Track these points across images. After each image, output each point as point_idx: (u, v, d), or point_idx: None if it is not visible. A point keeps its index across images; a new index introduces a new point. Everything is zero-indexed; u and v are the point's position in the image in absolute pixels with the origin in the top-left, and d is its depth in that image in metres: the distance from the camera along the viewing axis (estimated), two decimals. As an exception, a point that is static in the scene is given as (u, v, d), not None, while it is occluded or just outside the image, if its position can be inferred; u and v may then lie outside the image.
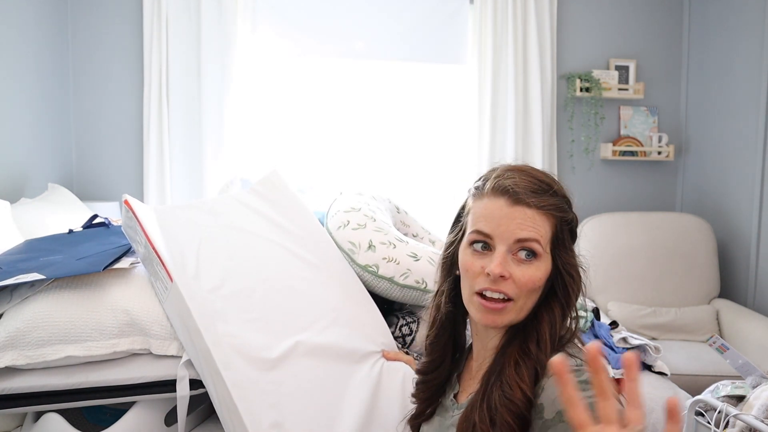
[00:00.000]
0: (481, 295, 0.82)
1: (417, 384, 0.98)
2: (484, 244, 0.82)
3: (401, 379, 1.22)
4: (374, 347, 1.27)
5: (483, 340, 0.89)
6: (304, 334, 1.22)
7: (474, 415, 0.79)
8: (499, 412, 0.75)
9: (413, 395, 0.98)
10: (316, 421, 1.11)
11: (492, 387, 0.79)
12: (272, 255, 1.38)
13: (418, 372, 0.98)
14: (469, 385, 0.90)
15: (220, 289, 1.23)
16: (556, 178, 0.87)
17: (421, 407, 0.95)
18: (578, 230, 0.90)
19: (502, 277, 0.79)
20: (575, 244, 0.88)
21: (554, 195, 0.82)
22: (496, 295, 0.80)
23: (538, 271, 0.81)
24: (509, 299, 0.80)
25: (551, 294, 0.84)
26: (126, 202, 1.31)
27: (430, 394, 0.94)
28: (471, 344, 0.94)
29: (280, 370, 1.15)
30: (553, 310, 0.83)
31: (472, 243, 0.84)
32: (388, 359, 1.26)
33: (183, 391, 1.22)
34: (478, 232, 0.82)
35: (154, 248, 1.24)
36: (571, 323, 0.84)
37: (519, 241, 0.80)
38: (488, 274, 0.80)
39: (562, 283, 0.83)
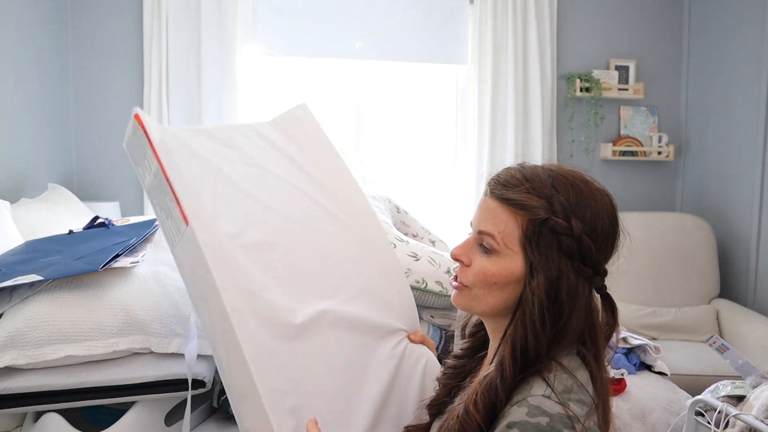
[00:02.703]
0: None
1: (447, 368, 0.95)
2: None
3: (423, 365, 1.09)
4: (400, 325, 1.12)
5: (490, 341, 0.89)
6: (330, 301, 1.06)
7: (443, 426, 0.80)
8: (453, 428, 0.77)
9: (439, 378, 0.96)
10: (334, 404, 0.98)
11: (463, 403, 0.79)
12: (297, 204, 1.17)
13: (454, 356, 0.96)
14: None
15: (239, 238, 1.04)
16: (574, 182, 0.80)
17: (442, 393, 0.93)
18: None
19: (459, 260, 0.83)
20: (580, 258, 0.77)
21: (529, 191, 0.77)
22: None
23: (493, 266, 0.79)
24: (464, 285, 0.83)
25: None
26: (136, 116, 1.11)
27: (457, 381, 0.93)
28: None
29: (302, 341, 0.99)
30: (518, 330, 0.76)
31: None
32: (412, 341, 1.11)
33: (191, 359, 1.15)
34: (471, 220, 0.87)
35: (167, 179, 1.03)
36: (540, 342, 0.75)
37: (480, 232, 0.81)
38: None
39: (530, 292, 0.76)
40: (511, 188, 0.79)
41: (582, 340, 0.79)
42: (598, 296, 0.82)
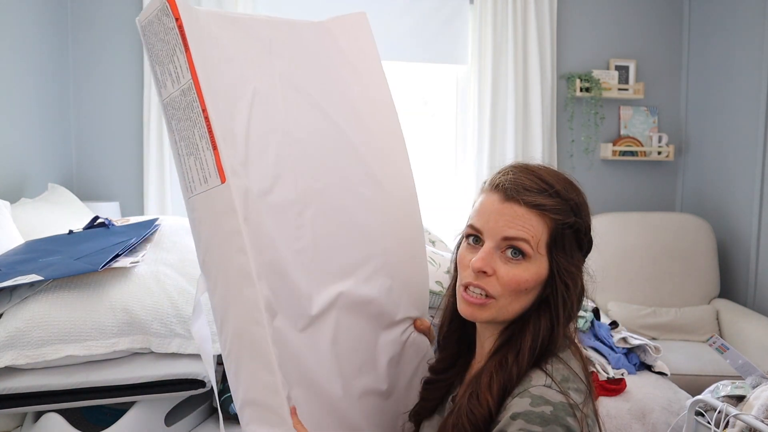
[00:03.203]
0: (466, 288, 0.82)
1: (426, 383, 0.95)
2: (476, 238, 0.82)
3: (416, 363, 1.04)
4: (410, 311, 1.04)
5: (481, 340, 0.88)
6: (348, 281, 0.95)
7: (448, 420, 0.80)
8: (461, 417, 0.77)
9: (421, 393, 0.96)
10: (330, 391, 0.91)
11: (467, 393, 0.79)
12: (337, 153, 0.99)
13: (430, 370, 0.96)
14: None
15: (269, 194, 0.88)
16: (573, 181, 0.84)
17: (427, 405, 0.94)
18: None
19: (484, 272, 0.79)
20: (586, 252, 0.86)
21: (553, 196, 0.79)
22: (477, 291, 0.80)
23: (525, 273, 0.78)
24: (490, 296, 0.80)
25: (545, 301, 0.81)
26: (171, 1, 0.85)
27: (439, 394, 0.93)
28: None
29: (313, 331, 0.89)
30: (540, 319, 0.80)
31: (467, 237, 0.84)
32: (417, 329, 1.06)
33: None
34: (470, 226, 0.83)
35: (205, 111, 0.83)
36: (559, 335, 0.80)
37: (506, 239, 0.79)
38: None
39: (556, 290, 0.80)
40: (537, 193, 0.79)
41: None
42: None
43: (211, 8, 0.92)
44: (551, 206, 0.79)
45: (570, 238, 0.81)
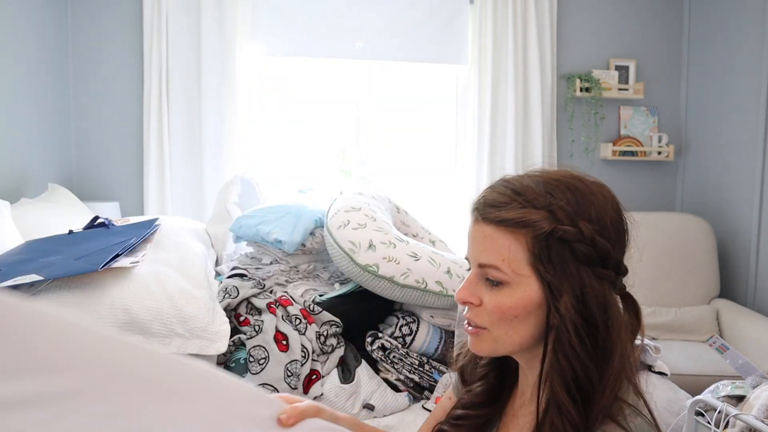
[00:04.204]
0: None
1: (455, 419, 0.82)
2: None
3: None
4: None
5: (525, 374, 0.79)
6: None
7: None
8: None
9: (448, 430, 0.83)
10: None
11: None
12: None
13: (464, 405, 0.83)
14: (511, 425, 0.79)
15: None
16: (572, 181, 0.73)
17: None
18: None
19: (468, 303, 0.72)
20: (604, 264, 0.72)
21: (523, 206, 0.68)
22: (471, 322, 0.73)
23: (508, 299, 0.68)
24: (482, 327, 0.71)
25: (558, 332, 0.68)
26: None
27: (474, 431, 0.81)
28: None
29: None
30: (559, 361, 0.67)
31: None
32: (288, 424, 0.66)
33: None
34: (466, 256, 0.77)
35: None
36: (597, 373, 0.66)
37: (481, 265, 0.70)
38: None
39: (557, 316, 0.67)
40: (504, 207, 0.69)
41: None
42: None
43: None
44: (517, 219, 0.67)
45: (559, 250, 0.67)
